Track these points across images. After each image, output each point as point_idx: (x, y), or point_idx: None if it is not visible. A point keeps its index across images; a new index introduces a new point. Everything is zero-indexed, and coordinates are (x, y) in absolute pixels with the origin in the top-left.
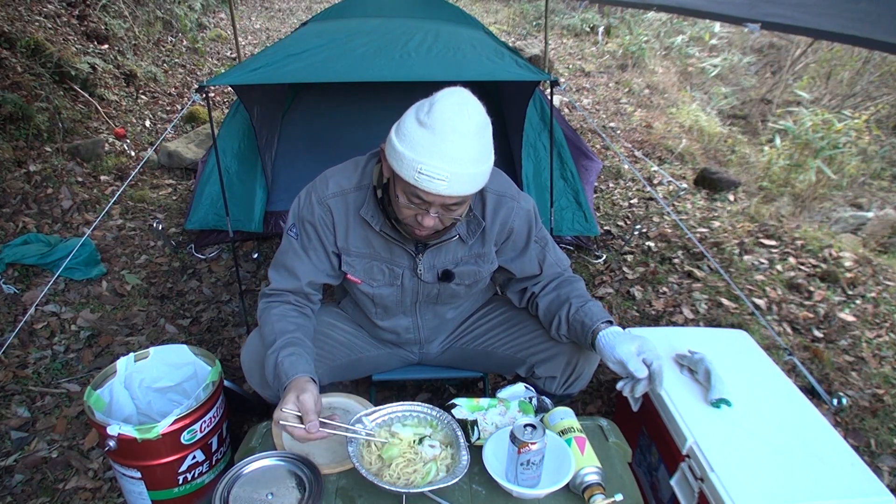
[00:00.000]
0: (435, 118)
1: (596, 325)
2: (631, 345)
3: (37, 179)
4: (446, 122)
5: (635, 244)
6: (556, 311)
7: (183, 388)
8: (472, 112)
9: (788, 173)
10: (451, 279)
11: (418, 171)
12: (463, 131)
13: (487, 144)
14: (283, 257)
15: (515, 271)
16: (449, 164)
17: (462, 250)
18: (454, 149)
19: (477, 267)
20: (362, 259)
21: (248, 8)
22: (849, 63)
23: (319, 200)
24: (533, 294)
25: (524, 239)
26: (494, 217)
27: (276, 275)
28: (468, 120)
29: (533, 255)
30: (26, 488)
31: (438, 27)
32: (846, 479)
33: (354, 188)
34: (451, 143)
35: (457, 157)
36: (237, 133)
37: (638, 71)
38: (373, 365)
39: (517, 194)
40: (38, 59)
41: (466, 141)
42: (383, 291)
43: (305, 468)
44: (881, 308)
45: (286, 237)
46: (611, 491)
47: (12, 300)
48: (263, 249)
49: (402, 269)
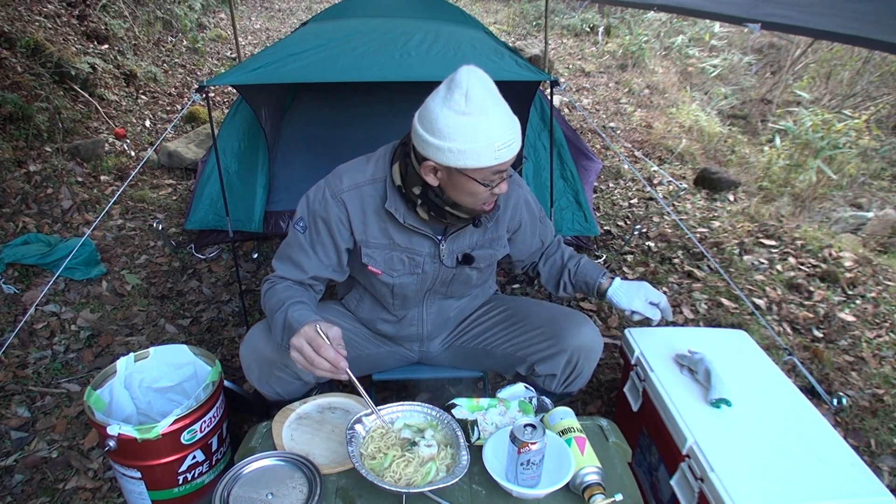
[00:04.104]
0: (475, 103)
1: (598, 281)
2: (639, 296)
3: (37, 179)
4: (485, 100)
5: (635, 244)
6: (559, 277)
7: (183, 388)
8: (486, 84)
9: (788, 173)
10: (471, 262)
11: (496, 149)
12: (498, 100)
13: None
14: (288, 250)
15: (525, 255)
16: (509, 127)
17: (478, 234)
18: (504, 116)
19: (492, 250)
20: (381, 250)
21: (248, 8)
22: (849, 63)
23: (334, 195)
24: (534, 263)
25: (530, 224)
26: (507, 201)
27: (280, 265)
28: (493, 88)
29: (537, 235)
30: (26, 488)
31: (438, 27)
32: (846, 479)
33: (368, 181)
34: (500, 112)
35: (509, 120)
36: (237, 133)
37: (638, 71)
38: (372, 363)
39: (518, 179)
40: (38, 59)
41: (503, 105)
42: (404, 280)
43: (305, 468)
44: (881, 308)
45: (293, 231)
46: (611, 491)
47: (12, 300)
48: (263, 249)
49: (423, 257)
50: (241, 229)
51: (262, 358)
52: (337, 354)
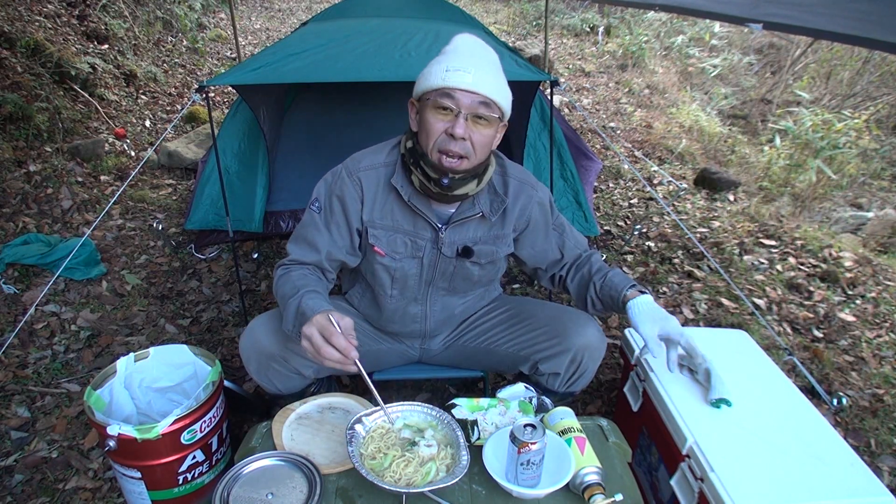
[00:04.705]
0: (454, 43)
1: (622, 293)
2: (653, 326)
3: (37, 179)
4: (464, 43)
5: (635, 244)
6: (586, 293)
7: (183, 388)
8: (485, 44)
9: (788, 173)
10: (470, 255)
11: (446, 70)
12: (479, 47)
13: (500, 67)
14: (303, 230)
15: (539, 261)
16: (471, 59)
17: (482, 229)
18: (474, 54)
19: (495, 247)
20: (386, 231)
21: (248, 8)
22: (849, 63)
23: (350, 174)
24: (561, 278)
25: (543, 228)
26: (515, 201)
27: (295, 247)
28: (484, 45)
29: (553, 242)
30: (26, 488)
31: (438, 27)
32: (846, 479)
33: (384, 164)
34: (472, 50)
35: (477, 58)
36: (237, 133)
37: (638, 71)
38: (373, 360)
39: (536, 184)
40: (38, 59)
41: (484, 53)
42: (405, 265)
43: (305, 468)
44: (881, 308)
45: (308, 212)
46: (611, 491)
47: (12, 300)
48: (263, 249)
49: (425, 242)
50: (241, 229)
51: (261, 350)
52: (348, 343)
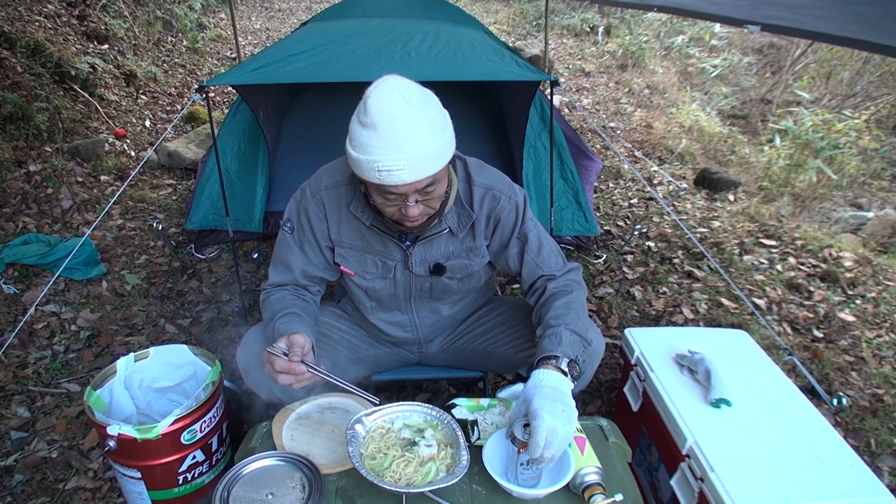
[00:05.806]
0: (373, 115)
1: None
2: (521, 407)
3: (37, 179)
4: (383, 113)
5: (635, 244)
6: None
7: (183, 388)
8: (406, 95)
9: (788, 173)
10: (443, 273)
11: (377, 171)
12: (403, 117)
13: (435, 119)
14: (279, 252)
15: (500, 266)
16: (402, 152)
17: (453, 244)
18: (401, 137)
19: (468, 261)
20: (355, 252)
21: (248, 8)
22: (849, 63)
23: (313, 193)
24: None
25: (509, 232)
26: (481, 209)
27: (273, 270)
28: (405, 104)
29: (513, 252)
30: (26, 488)
31: (438, 27)
32: (846, 479)
33: (347, 181)
34: (397, 132)
35: (406, 143)
36: (237, 133)
37: (638, 71)
38: (372, 364)
39: (506, 188)
40: (38, 59)
41: (410, 125)
42: (376, 284)
43: (305, 468)
44: (881, 308)
45: (281, 232)
46: (611, 491)
47: (12, 300)
48: (263, 249)
49: (395, 262)
50: (241, 229)
51: (258, 362)
52: (290, 364)
